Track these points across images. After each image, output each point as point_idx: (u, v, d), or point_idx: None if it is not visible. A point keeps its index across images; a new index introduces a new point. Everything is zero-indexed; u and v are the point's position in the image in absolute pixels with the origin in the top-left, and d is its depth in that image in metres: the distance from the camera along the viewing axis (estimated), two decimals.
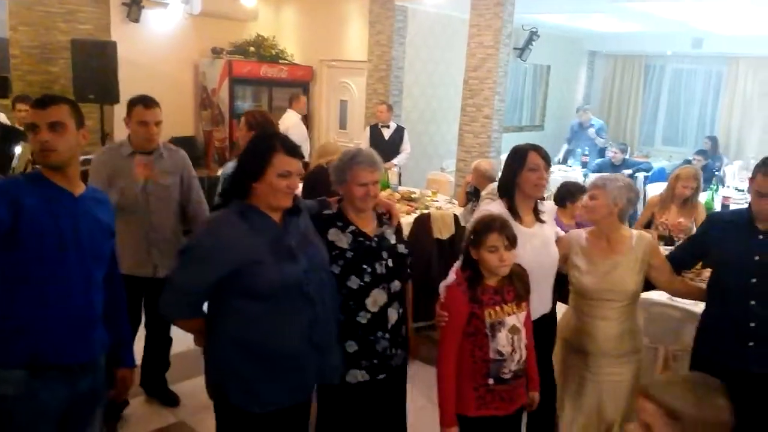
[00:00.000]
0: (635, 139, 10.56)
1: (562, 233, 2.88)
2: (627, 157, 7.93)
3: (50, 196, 1.92)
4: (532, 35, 8.86)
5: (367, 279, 2.35)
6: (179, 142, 8.18)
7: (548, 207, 2.79)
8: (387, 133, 6.88)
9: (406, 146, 6.92)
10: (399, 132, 6.93)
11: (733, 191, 6.81)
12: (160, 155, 3.23)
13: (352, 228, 2.39)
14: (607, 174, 2.74)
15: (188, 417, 3.45)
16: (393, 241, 2.47)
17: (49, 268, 1.90)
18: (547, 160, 2.61)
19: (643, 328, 3.08)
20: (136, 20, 7.43)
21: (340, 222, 2.39)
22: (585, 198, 2.67)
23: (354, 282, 2.34)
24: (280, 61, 8.44)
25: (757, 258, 2.39)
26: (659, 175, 7.68)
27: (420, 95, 8.35)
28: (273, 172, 1.99)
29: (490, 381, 2.27)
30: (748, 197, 2.61)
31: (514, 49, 8.94)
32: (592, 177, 2.79)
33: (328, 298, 2.17)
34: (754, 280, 2.39)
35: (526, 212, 2.64)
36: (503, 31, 6.95)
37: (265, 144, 2.04)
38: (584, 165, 8.09)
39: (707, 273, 2.94)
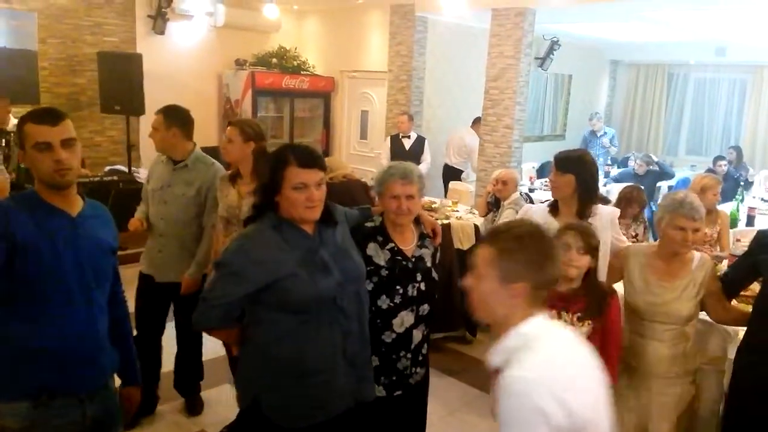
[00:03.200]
0: (658, 149, 10.44)
1: (622, 241, 2.85)
2: (651, 168, 7.82)
3: (47, 220, 1.81)
4: (554, 45, 8.83)
5: (397, 300, 2.35)
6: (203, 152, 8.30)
7: (605, 211, 2.74)
8: (408, 144, 6.90)
9: (427, 156, 6.93)
10: (420, 142, 6.95)
11: (758, 201, 6.69)
12: (184, 165, 3.28)
13: (391, 245, 2.37)
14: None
15: (210, 426, 3.47)
16: (429, 264, 2.45)
17: (50, 296, 1.81)
18: (557, 164, 2.72)
19: (717, 350, 2.96)
20: (162, 33, 7.56)
21: (380, 237, 2.38)
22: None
23: (384, 302, 2.34)
24: (302, 72, 8.51)
25: None
26: (683, 185, 7.58)
27: (440, 105, 8.36)
28: (288, 185, 1.95)
29: None
30: None
31: (535, 58, 8.90)
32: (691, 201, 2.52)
33: (363, 313, 2.15)
34: None
35: (566, 212, 2.71)
36: (524, 41, 6.93)
37: (277, 157, 2.02)
38: (606, 174, 8.02)
39: None
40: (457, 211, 5.55)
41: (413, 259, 2.40)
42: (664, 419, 2.56)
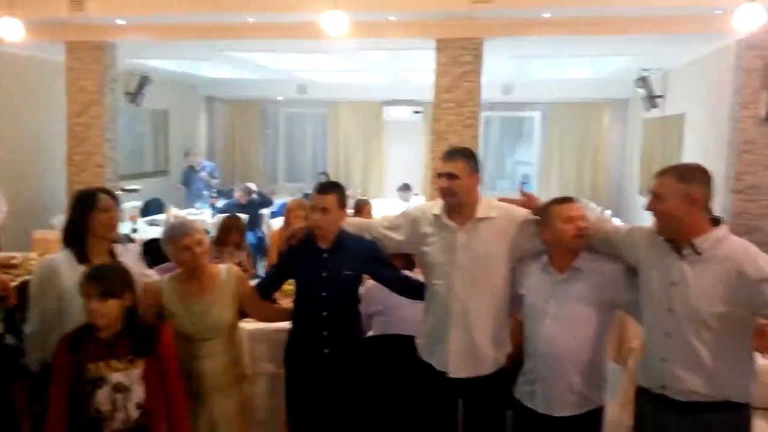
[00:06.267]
0: (261, 178, 11.10)
1: (148, 275, 2.83)
2: (255, 196, 8.21)
3: None
4: (144, 80, 8.62)
5: None
6: None
7: (130, 249, 2.77)
8: None
9: (2, 206, 5.91)
10: None
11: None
12: None
13: None
14: (186, 218, 2.82)
15: None
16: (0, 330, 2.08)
17: None
18: (116, 200, 2.63)
19: (271, 356, 3.29)
20: None
21: None
22: (191, 248, 2.62)
23: None
24: None
25: (324, 274, 2.71)
26: (283, 209, 8.16)
27: (15, 147, 7.28)
28: None
29: None
30: None
31: (127, 93, 8.57)
32: (179, 223, 2.79)
33: None
34: (324, 294, 2.71)
35: (98, 254, 2.54)
36: (107, 75, 6.63)
37: None
38: (213, 207, 8.13)
39: None
40: None
41: None
42: (232, 422, 2.68)
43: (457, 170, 2.49)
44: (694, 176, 2.08)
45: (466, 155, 2.56)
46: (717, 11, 5.11)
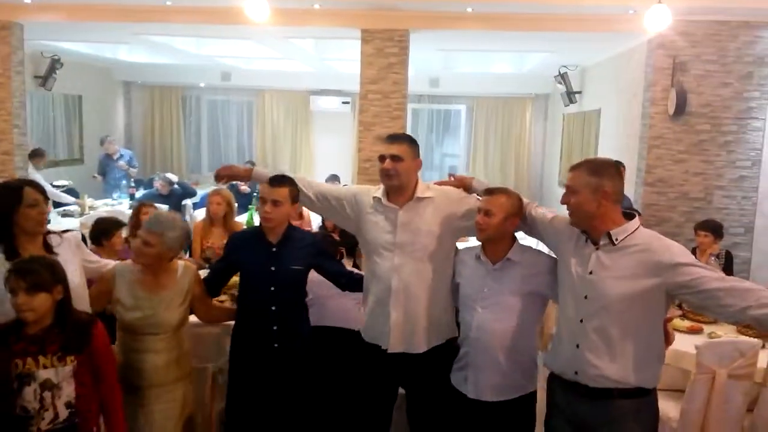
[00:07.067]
0: (183, 167, 10.77)
1: (98, 261, 2.77)
2: (176, 186, 7.91)
3: None
4: (55, 63, 8.16)
5: None
6: None
7: (68, 238, 2.60)
8: None
9: None
10: None
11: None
12: None
13: None
14: (166, 217, 2.71)
15: None
16: None
17: None
18: (43, 193, 2.44)
19: (193, 351, 3.15)
20: None
21: None
22: (139, 242, 2.60)
23: None
24: None
25: (273, 268, 2.71)
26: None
27: None
28: None
29: None
30: None
31: (36, 77, 8.10)
32: (151, 219, 2.71)
33: None
34: (273, 288, 2.72)
35: (30, 248, 2.38)
36: (14, 57, 6.27)
37: None
38: (131, 197, 7.80)
39: None
40: None
41: None
42: (171, 421, 2.63)
43: (402, 152, 2.52)
44: (604, 170, 2.17)
45: (410, 140, 2.61)
46: (629, 11, 5.34)
